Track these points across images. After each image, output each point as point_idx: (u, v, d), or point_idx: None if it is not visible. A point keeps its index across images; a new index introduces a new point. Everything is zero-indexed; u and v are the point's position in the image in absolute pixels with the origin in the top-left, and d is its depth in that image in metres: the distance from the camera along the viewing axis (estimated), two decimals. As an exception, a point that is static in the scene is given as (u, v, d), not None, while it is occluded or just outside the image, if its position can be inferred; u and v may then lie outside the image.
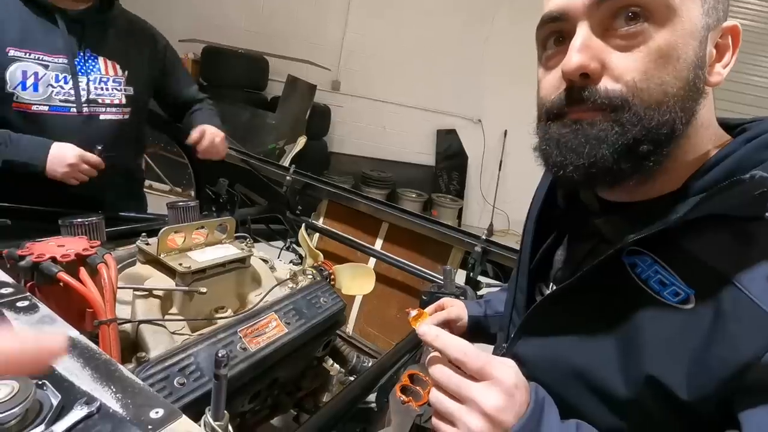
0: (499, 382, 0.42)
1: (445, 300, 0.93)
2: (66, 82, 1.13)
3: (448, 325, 0.87)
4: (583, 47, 0.43)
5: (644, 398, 0.43)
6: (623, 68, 0.43)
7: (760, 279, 0.39)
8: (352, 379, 1.14)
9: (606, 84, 0.43)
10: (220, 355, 0.45)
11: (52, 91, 1.12)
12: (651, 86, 0.42)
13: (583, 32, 0.44)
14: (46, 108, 1.12)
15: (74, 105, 1.15)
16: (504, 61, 4.47)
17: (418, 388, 0.84)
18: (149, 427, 0.38)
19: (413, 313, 0.62)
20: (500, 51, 4.48)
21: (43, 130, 1.11)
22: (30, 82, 1.08)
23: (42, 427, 0.36)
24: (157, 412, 0.39)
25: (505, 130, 4.68)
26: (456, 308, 0.89)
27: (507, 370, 0.43)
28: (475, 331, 0.87)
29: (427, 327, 0.49)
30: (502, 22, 4.47)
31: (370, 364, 1.12)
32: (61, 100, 1.14)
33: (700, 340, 0.40)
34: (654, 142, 0.43)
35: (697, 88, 0.44)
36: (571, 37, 0.44)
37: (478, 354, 0.44)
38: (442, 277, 1.34)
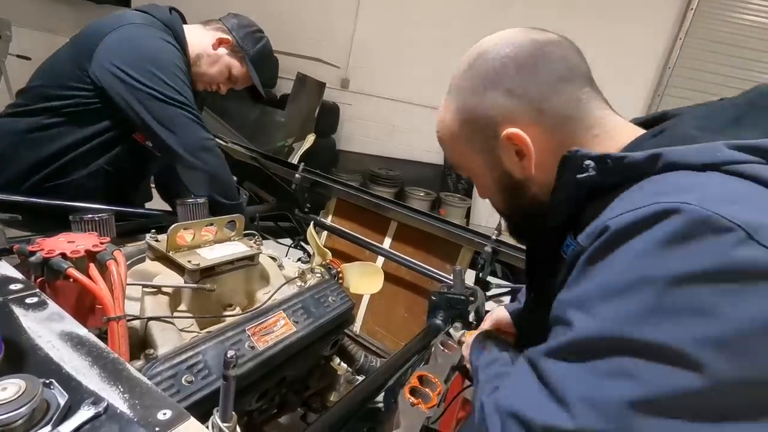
0: None
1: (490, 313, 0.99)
2: None
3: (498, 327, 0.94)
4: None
5: None
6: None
7: (587, 231, 0.48)
8: (359, 378, 1.14)
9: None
10: (229, 355, 0.44)
11: None
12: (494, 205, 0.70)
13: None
14: None
15: None
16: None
17: (427, 390, 0.83)
18: (156, 429, 0.37)
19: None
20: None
21: None
22: None
23: (48, 427, 0.36)
24: (164, 414, 0.39)
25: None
26: (496, 311, 0.95)
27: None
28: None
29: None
30: (514, 19, 4.43)
31: (377, 364, 1.11)
32: None
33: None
34: (526, 217, 0.66)
35: (517, 186, 0.62)
36: None
37: None
38: (451, 277, 1.33)
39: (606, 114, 0.58)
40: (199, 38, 1.28)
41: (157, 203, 1.47)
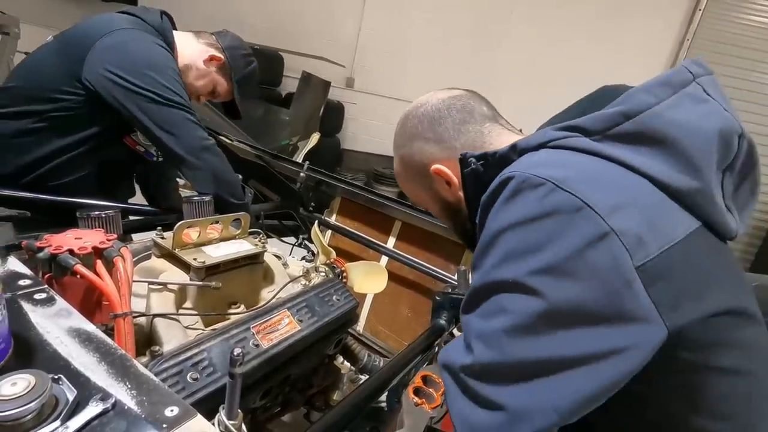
0: None
1: None
2: None
3: None
4: None
5: None
6: None
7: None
8: (362, 377, 1.14)
9: None
10: (235, 353, 0.44)
11: None
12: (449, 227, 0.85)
13: None
14: None
15: None
16: (520, 59, 4.41)
17: (431, 390, 0.83)
18: (164, 425, 0.37)
19: None
20: (516, 48, 4.43)
21: None
22: None
23: (57, 422, 0.36)
24: (172, 410, 0.39)
25: (520, 129, 4.61)
26: None
27: None
28: None
29: None
30: (519, 19, 4.41)
31: (381, 363, 1.11)
32: None
33: None
34: (469, 231, 0.74)
35: (454, 208, 0.76)
36: None
37: None
38: (454, 277, 1.33)
39: (509, 137, 0.71)
40: (191, 49, 1.28)
41: (138, 199, 1.49)
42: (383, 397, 0.89)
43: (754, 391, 0.53)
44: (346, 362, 1.14)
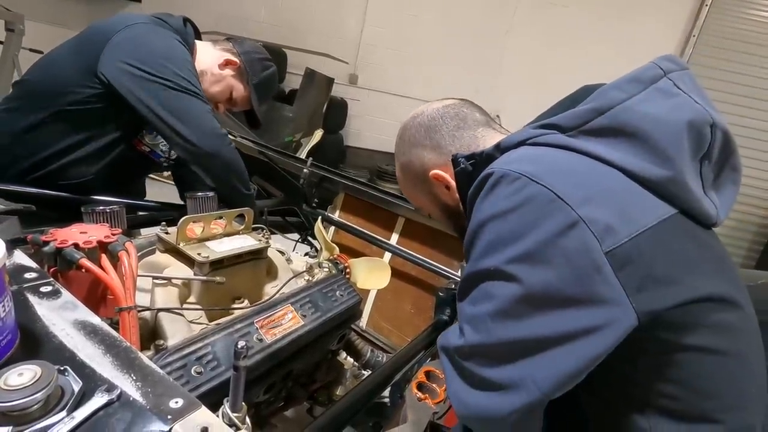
0: None
1: None
2: None
3: None
4: None
5: None
6: None
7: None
8: (365, 372, 1.14)
9: None
10: (240, 346, 0.44)
11: None
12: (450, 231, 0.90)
13: None
14: None
15: None
16: (524, 55, 4.39)
17: (434, 385, 0.83)
18: (169, 416, 0.38)
19: None
20: (520, 44, 4.40)
21: None
22: None
23: (63, 413, 0.36)
24: (176, 402, 0.39)
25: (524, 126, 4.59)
26: None
27: None
28: None
29: None
30: (524, 15, 4.38)
31: (383, 359, 1.12)
32: None
33: None
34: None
35: (454, 211, 0.80)
36: None
37: None
38: (457, 274, 1.33)
39: (500, 139, 0.72)
40: (208, 56, 1.28)
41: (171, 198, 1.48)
42: (386, 393, 0.90)
43: (740, 371, 0.55)
44: (349, 357, 1.15)
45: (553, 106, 0.69)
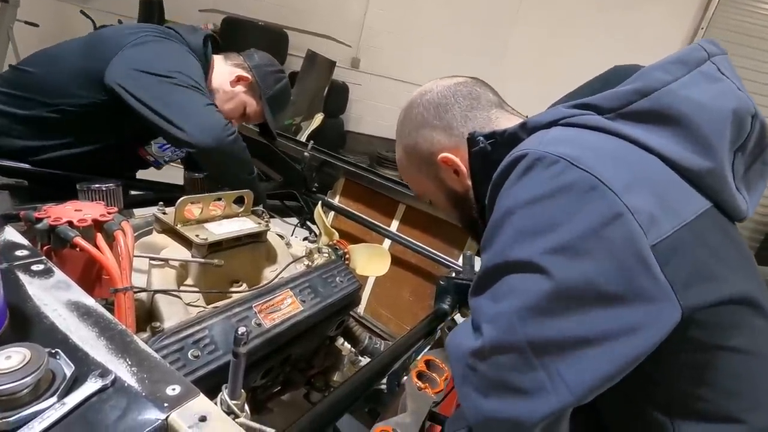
0: None
1: None
2: None
3: None
4: None
5: None
6: None
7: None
8: (363, 359, 1.14)
9: None
10: (240, 332, 0.42)
11: None
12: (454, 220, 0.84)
13: None
14: None
15: None
16: (529, 43, 4.32)
17: (434, 374, 0.82)
18: (165, 404, 0.36)
19: None
20: (526, 32, 4.33)
21: None
22: None
23: (54, 398, 0.35)
24: (173, 389, 0.38)
25: (527, 115, 4.54)
26: None
27: None
28: None
29: None
30: (530, 2, 4.30)
31: (381, 346, 1.11)
32: None
33: None
34: (476, 222, 0.74)
35: (462, 198, 0.74)
36: None
37: None
38: (457, 262, 1.32)
39: (517, 122, 0.67)
40: (219, 72, 1.25)
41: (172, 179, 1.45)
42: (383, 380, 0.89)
43: (760, 369, 0.53)
44: (347, 344, 1.14)
45: (581, 87, 0.65)
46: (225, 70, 1.26)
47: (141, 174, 1.41)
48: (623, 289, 0.45)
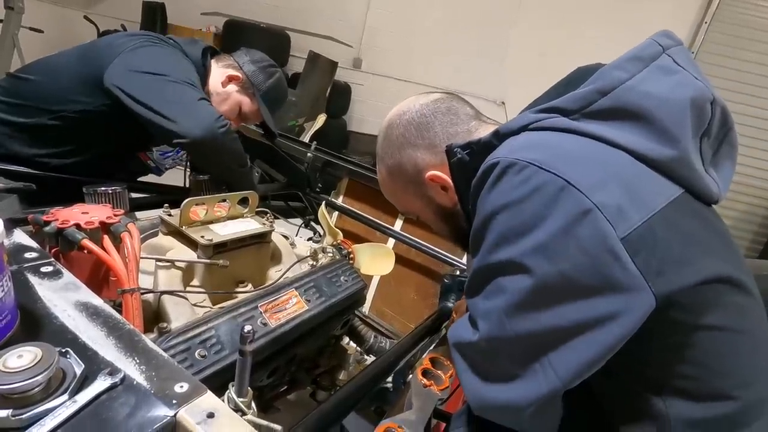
0: None
1: None
2: None
3: None
4: None
5: None
6: None
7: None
8: (368, 358, 1.14)
9: None
10: (246, 331, 0.43)
11: None
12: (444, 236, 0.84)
13: None
14: None
15: None
16: (530, 43, 4.31)
17: (439, 372, 0.82)
18: (174, 401, 0.37)
19: None
20: (527, 32, 4.32)
21: None
22: None
23: (65, 396, 0.35)
24: (181, 386, 0.38)
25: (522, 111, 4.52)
26: None
27: None
28: None
29: None
30: (531, 3, 4.29)
31: (387, 345, 1.11)
32: None
33: None
34: (467, 235, 0.67)
35: (451, 213, 0.75)
36: None
37: None
38: (461, 260, 1.32)
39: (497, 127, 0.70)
40: (213, 76, 1.26)
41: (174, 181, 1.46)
42: (389, 378, 0.89)
43: (751, 347, 0.55)
44: (352, 343, 1.14)
45: (548, 90, 0.67)
46: (217, 73, 1.26)
47: (141, 178, 1.43)
48: (598, 281, 0.48)
